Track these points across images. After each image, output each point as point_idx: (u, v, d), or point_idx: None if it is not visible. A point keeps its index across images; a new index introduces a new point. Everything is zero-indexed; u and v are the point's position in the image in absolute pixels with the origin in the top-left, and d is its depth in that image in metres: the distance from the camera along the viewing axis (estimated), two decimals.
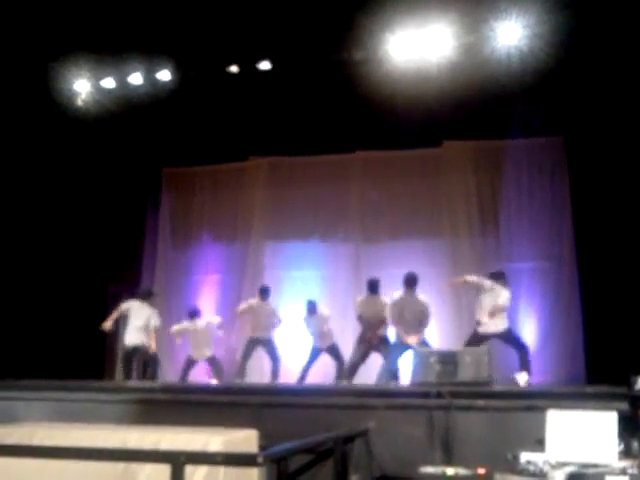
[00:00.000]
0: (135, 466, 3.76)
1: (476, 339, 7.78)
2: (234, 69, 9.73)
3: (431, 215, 10.62)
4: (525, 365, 7.70)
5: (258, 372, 10.06)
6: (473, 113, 9.77)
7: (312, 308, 9.41)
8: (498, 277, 8.24)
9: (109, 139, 10.59)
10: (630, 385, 4.26)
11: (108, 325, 8.84)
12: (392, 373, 8.05)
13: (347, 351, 9.19)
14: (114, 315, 8.98)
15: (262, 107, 10.17)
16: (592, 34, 8.23)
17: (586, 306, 9.53)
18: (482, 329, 7.88)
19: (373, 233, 10.82)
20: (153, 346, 9.00)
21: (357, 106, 9.81)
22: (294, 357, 10.02)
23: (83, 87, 9.92)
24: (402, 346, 8.11)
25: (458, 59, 8.95)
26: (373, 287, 8.87)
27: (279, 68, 9.64)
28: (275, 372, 9.47)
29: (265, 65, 9.64)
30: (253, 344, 9.63)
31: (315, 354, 9.40)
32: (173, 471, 2.81)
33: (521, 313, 10.02)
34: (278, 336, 9.95)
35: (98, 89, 9.95)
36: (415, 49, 9.03)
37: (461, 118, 9.90)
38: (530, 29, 8.50)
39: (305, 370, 9.34)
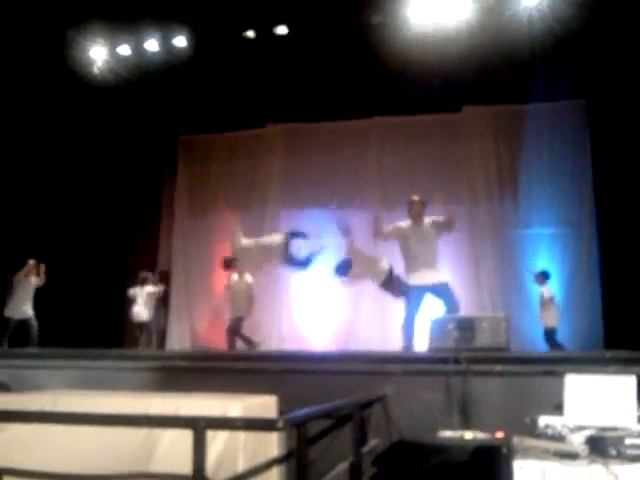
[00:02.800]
0: (157, 432, 3.82)
1: None
2: (250, 34, 9.63)
3: (450, 181, 10.51)
4: None
5: None
6: (493, 77, 9.61)
7: None
8: None
9: (125, 107, 10.57)
10: None
11: None
12: None
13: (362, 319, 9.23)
14: None
15: (279, 73, 10.08)
16: None
17: (605, 272, 9.48)
18: None
19: (391, 200, 10.74)
20: None
21: (375, 71, 9.69)
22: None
23: (99, 54, 9.88)
24: None
25: (478, 22, 8.79)
26: None
27: (296, 33, 9.52)
28: None
29: (282, 30, 9.53)
30: None
31: None
32: (194, 436, 2.84)
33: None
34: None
35: (114, 56, 9.90)
36: (434, 12, 8.87)
37: (481, 83, 9.76)
38: None
39: None
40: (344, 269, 7.97)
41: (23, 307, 9.42)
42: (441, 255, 8.59)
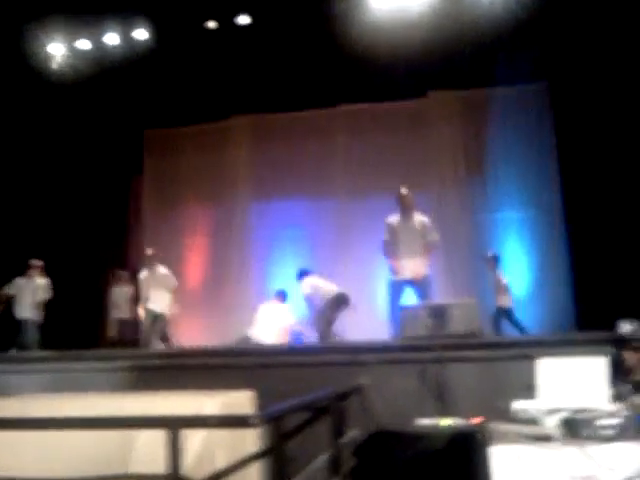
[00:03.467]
0: (132, 433, 3.78)
1: None
2: (212, 25, 9.53)
3: (417, 167, 10.56)
4: None
5: None
6: (457, 62, 9.64)
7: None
8: None
9: (87, 103, 10.39)
10: (615, 328, 4.32)
11: None
12: None
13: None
14: None
15: (243, 64, 10.01)
16: None
17: (575, 253, 9.59)
18: None
19: (359, 187, 10.76)
20: None
21: (339, 59, 9.67)
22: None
23: (58, 50, 9.69)
24: None
25: (440, 6, 8.81)
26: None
27: (258, 22, 9.45)
28: None
29: (244, 19, 9.45)
30: None
31: None
32: (168, 436, 2.81)
33: (510, 262, 10.08)
34: None
35: (73, 51, 9.73)
36: None
37: (445, 67, 9.78)
38: None
39: None
40: None
41: (22, 308, 9.28)
42: None
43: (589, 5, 8.37)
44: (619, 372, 3.99)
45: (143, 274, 9.38)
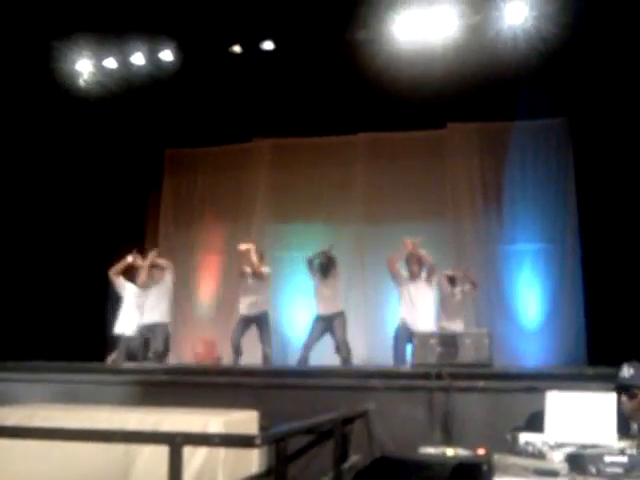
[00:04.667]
0: (134, 447, 3.78)
1: None
2: (237, 49, 9.67)
3: (434, 197, 10.57)
4: None
5: None
6: (478, 95, 9.68)
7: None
8: None
9: (111, 120, 10.53)
10: (618, 370, 4.25)
11: None
12: None
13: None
14: None
15: (266, 88, 10.10)
16: (598, 14, 8.13)
17: (589, 288, 9.52)
18: None
19: (376, 215, 10.77)
20: None
21: (361, 87, 9.72)
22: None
23: (85, 67, 9.87)
24: None
25: (463, 40, 8.85)
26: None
27: (282, 48, 9.56)
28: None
29: (268, 45, 9.58)
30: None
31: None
32: (171, 452, 2.81)
33: (523, 295, 10.02)
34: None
35: (100, 70, 9.89)
36: (420, 29, 8.94)
37: (466, 100, 9.82)
38: (536, 9, 8.40)
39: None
40: None
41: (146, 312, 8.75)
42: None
43: (610, 43, 8.38)
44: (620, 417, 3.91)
45: None
